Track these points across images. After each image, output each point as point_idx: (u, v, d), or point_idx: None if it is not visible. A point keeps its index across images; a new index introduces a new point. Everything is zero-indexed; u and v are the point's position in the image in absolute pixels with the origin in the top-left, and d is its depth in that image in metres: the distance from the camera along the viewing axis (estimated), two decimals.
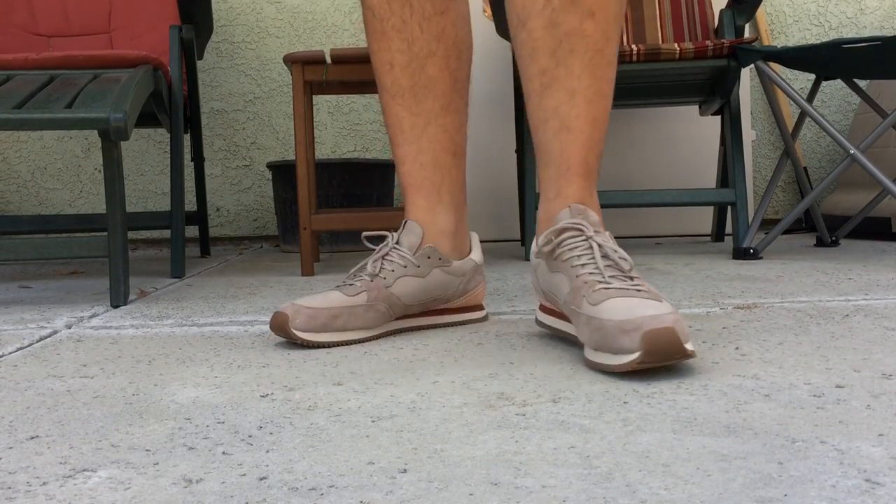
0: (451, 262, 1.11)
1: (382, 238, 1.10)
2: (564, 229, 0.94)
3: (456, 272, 1.11)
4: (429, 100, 1.10)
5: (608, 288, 0.85)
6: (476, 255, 1.15)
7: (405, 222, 1.11)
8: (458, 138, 1.13)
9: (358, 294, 1.02)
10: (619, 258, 0.89)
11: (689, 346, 0.79)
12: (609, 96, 0.99)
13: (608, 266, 0.89)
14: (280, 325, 0.98)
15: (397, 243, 1.08)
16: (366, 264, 1.07)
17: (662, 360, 0.78)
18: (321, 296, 1.01)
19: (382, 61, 1.10)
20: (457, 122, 1.13)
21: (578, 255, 0.91)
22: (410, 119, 1.11)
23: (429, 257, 1.08)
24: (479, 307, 1.15)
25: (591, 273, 0.88)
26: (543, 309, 1.02)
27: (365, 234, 1.15)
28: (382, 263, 1.06)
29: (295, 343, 1.02)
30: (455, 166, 1.13)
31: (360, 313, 1.01)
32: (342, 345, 1.00)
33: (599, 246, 0.90)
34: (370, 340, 1.03)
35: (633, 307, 0.80)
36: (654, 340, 0.76)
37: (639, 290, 0.84)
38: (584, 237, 0.92)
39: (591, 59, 0.96)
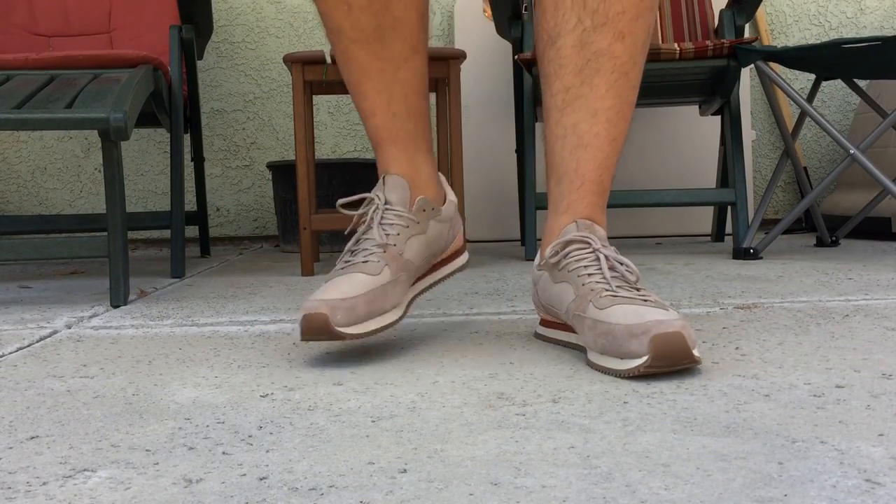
0: (440, 209, 1.02)
1: (359, 203, 1.01)
2: (571, 241, 0.93)
3: (445, 219, 1.03)
4: (398, 41, 0.98)
5: (615, 296, 0.85)
6: (451, 194, 1.07)
7: (385, 178, 0.98)
8: (427, 77, 1.05)
9: (382, 271, 0.92)
10: (626, 270, 0.89)
11: (696, 353, 0.79)
12: (628, 119, 0.99)
13: (615, 277, 0.89)
14: (320, 328, 0.86)
15: (387, 203, 0.97)
16: (364, 234, 0.95)
17: (670, 365, 0.78)
18: (345, 281, 0.90)
19: (335, 2, 0.97)
20: (426, 60, 1.04)
21: (585, 266, 0.91)
22: (378, 65, 0.98)
23: (424, 210, 0.99)
24: (463, 248, 1.10)
25: (597, 282, 0.88)
26: (544, 323, 1.01)
27: (340, 200, 1.00)
28: (384, 229, 0.96)
29: (296, 343, 1.02)
30: (426, 107, 1.05)
31: (390, 291, 0.92)
32: (383, 330, 0.92)
33: (606, 258, 0.90)
34: (403, 318, 0.96)
35: (641, 312, 0.80)
36: (663, 345, 0.76)
37: (645, 301, 0.84)
38: (591, 249, 0.92)
39: (617, 81, 0.96)
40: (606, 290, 0.86)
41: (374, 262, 0.92)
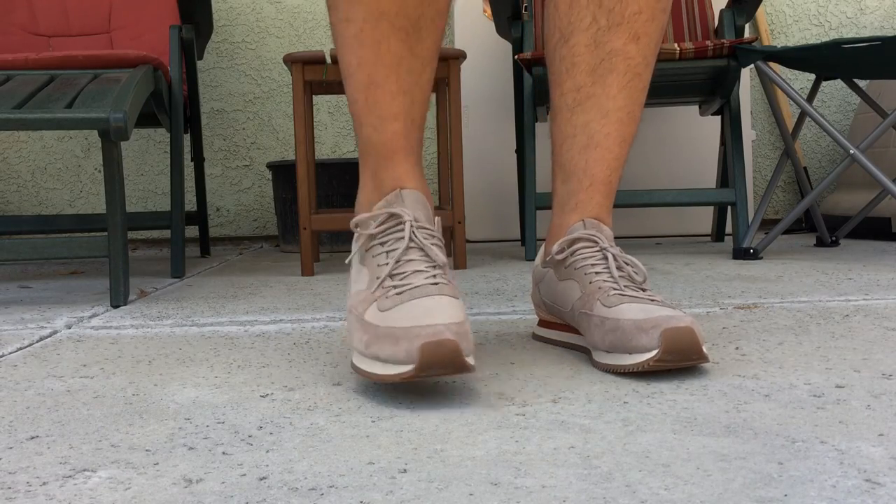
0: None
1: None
2: (579, 239, 0.93)
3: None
4: (432, 37, 0.88)
5: (623, 294, 0.85)
6: None
7: (402, 193, 0.85)
8: None
9: (456, 293, 0.80)
10: (633, 271, 0.89)
11: (705, 349, 0.79)
12: (638, 121, 0.99)
13: (622, 277, 0.88)
14: (450, 358, 0.69)
15: (416, 220, 0.84)
16: (407, 255, 0.80)
17: (680, 360, 0.77)
18: (442, 306, 0.74)
19: None
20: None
21: (593, 264, 0.90)
22: (410, 62, 0.86)
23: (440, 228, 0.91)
24: None
25: (605, 280, 0.88)
26: (542, 323, 1.00)
27: (358, 218, 0.86)
28: (434, 250, 0.84)
29: (296, 343, 1.02)
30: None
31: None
32: None
33: (614, 257, 0.90)
34: None
35: (649, 309, 0.81)
36: (674, 339, 0.76)
37: (653, 301, 0.84)
38: (598, 248, 0.92)
39: (630, 82, 0.95)
40: (614, 289, 0.86)
41: (445, 284, 0.78)
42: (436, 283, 0.77)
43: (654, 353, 0.77)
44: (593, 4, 0.94)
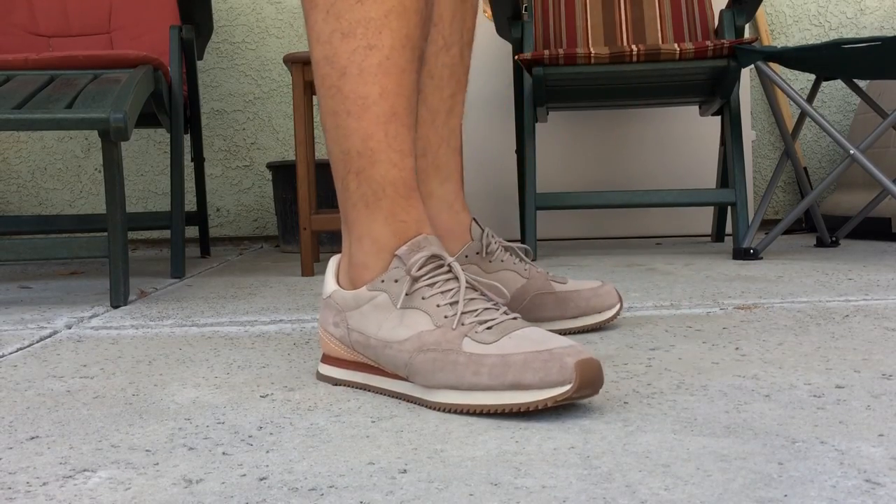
0: None
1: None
2: (502, 242, 1.08)
3: None
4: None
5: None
6: None
7: (429, 237, 0.80)
8: None
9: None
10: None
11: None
12: None
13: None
14: (599, 377, 0.68)
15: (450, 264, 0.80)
16: (472, 296, 0.77)
17: None
18: (548, 333, 0.72)
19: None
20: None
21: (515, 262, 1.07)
22: (416, 91, 0.84)
23: None
24: None
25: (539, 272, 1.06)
26: None
27: (403, 252, 0.78)
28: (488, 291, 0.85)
29: (296, 344, 1.01)
30: None
31: None
32: None
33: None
34: None
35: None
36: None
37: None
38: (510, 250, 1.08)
39: (463, 86, 1.07)
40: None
41: (520, 318, 0.77)
42: (515, 319, 0.75)
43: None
44: (458, 21, 1.06)
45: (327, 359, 0.84)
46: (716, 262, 1.86)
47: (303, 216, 1.86)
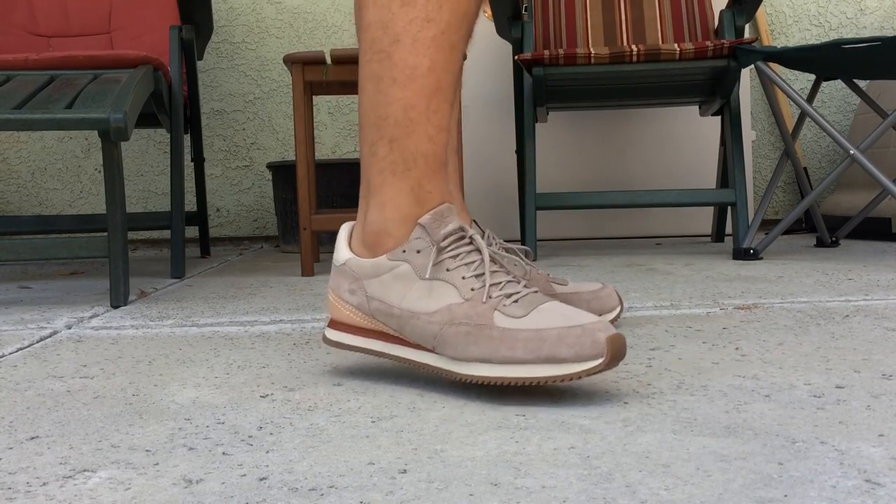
0: None
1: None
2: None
3: None
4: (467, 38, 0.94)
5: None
6: None
7: (452, 206, 0.82)
8: None
9: None
10: None
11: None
12: None
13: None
14: (625, 350, 0.72)
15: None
16: (498, 268, 0.79)
17: None
18: (573, 309, 0.75)
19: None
20: None
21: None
22: (456, 68, 0.83)
23: None
24: None
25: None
26: None
27: (426, 221, 0.79)
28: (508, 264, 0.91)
29: (296, 344, 1.01)
30: None
31: None
32: None
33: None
34: None
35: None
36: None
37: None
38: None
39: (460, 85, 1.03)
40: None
41: (539, 292, 0.79)
42: (536, 292, 0.77)
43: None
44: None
45: (337, 324, 0.83)
46: (716, 262, 1.86)
47: (303, 216, 1.86)
